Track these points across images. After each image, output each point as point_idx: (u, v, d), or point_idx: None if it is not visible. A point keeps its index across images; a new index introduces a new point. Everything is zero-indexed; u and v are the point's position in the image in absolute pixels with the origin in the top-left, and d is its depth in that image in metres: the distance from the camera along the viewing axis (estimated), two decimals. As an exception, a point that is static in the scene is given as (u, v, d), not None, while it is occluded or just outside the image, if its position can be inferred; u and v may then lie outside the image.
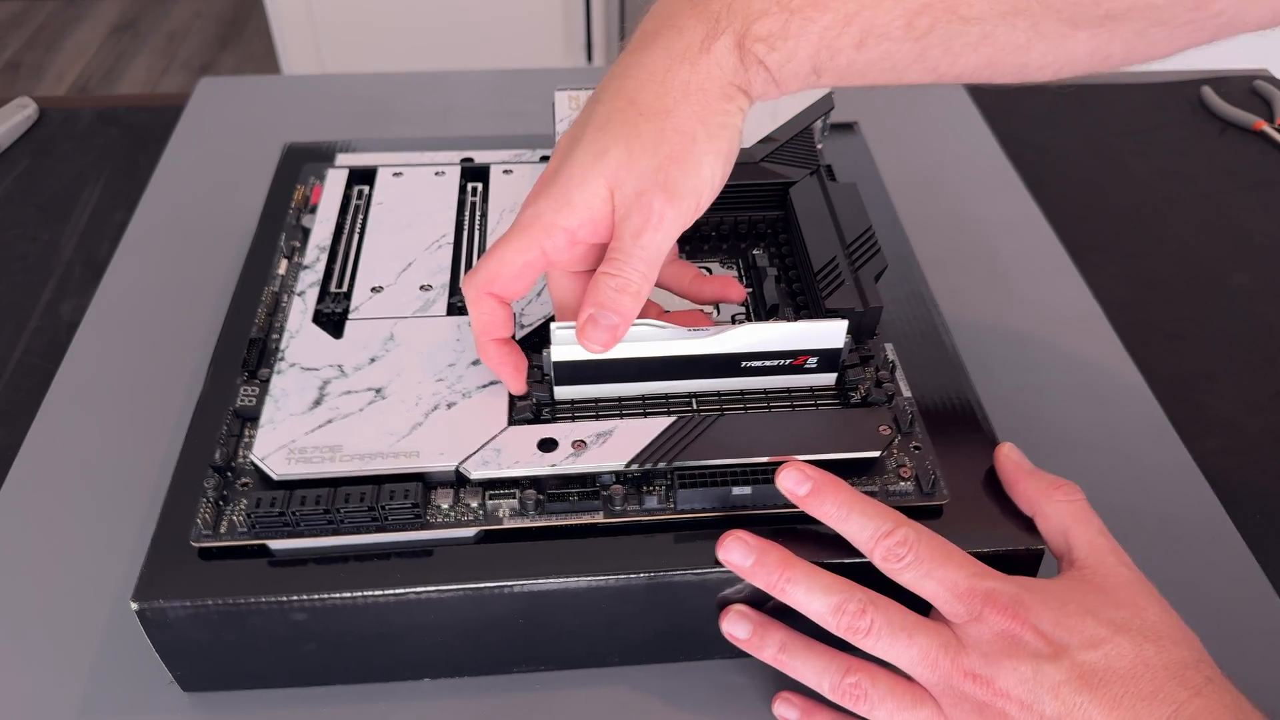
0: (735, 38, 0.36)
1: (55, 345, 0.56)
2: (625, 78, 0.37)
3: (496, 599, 0.37)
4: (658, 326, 0.38)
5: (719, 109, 0.36)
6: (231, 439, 0.40)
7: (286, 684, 0.40)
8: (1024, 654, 0.33)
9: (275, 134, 0.62)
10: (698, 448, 0.38)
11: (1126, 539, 0.45)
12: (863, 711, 0.36)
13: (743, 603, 0.38)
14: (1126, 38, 0.36)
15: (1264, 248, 0.64)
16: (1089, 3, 0.34)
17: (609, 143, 0.36)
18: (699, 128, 0.36)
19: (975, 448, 0.41)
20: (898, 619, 0.35)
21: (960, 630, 0.35)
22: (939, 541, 0.36)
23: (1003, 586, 0.35)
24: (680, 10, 0.37)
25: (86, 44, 2.30)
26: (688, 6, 0.37)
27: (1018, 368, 0.54)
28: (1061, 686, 0.33)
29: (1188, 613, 0.36)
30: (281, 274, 0.48)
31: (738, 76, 0.36)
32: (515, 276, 0.38)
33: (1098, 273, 0.61)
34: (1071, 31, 0.35)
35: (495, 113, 0.75)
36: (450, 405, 0.40)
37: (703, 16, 0.36)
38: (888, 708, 0.35)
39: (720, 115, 0.36)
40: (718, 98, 0.36)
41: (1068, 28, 0.35)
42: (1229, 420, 0.53)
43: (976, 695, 0.34)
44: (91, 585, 0.43)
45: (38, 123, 0.75)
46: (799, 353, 0.40)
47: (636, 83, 0.36)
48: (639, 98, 0.36)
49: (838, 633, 0.35)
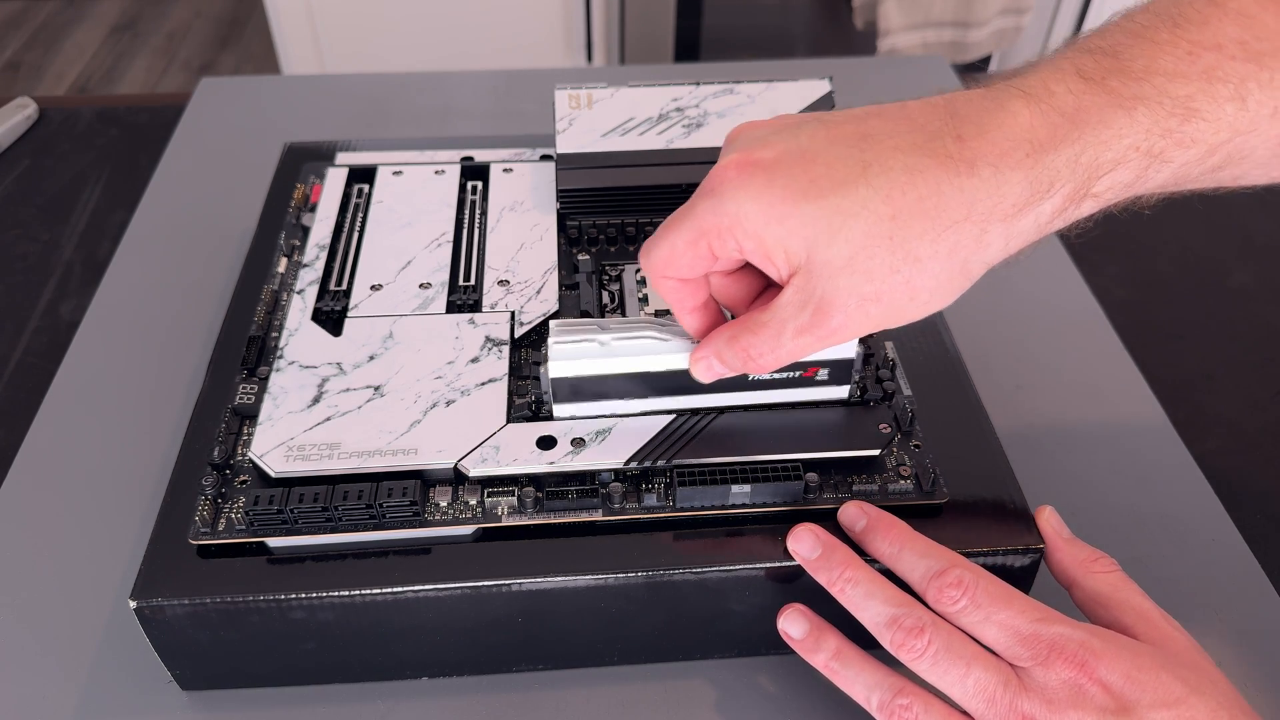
0: (1071, 191, 0.31)
1: (55, 345, 0.56)
2: (909, 180, 0.30)
3: (495, 597, 0.37)
4: (661, 340, 0.38)
5: (980, 263, 0.32)
6: (230, 437, 0.40)
7: (285, 682, 0.40)
8: (1090, 706, 0.31)
9: (275, 134, 0.62)
10: (697, 446, 0.38)
11: (1127, 539, 0.45)
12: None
13: (793, 610, 0.37)
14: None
15: (1264, 248, 0.64)
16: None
17: (840, 227, 0.30)
18: (942, 285, 0.31)
19: (975, 447, 0.41)
20: (958, 645, 0.33)
21: (1023, 673, 0.32)
22: (997, 584, 0.34)
23: (1071, 633, 0.32)
24: (1010, 151, 0.30)
25: (86, 44, 2.30)
26: (1024, 153, 0.30)
27: (1018, 368, 0.54)
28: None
29: (1188, 612, 0.36)
30: (281, 272, 0.48)
31: (1044, 216, 0.31)
32: (688, 266, 0.34)
33: (1098, 273, 0.61)
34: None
35: (495, 113, 0.75)
36: (449, 403, 0.40)
37: (1038, 174, 0.30)
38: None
39: (979, 268, 0.32)
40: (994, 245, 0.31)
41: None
42: (1229, 420, 0.53)
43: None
44: (90, 584, 0.43)
45: (38, 123, 0.75)
46: (809, 364, 0.39)
47: (915, 199, 0.30)
48: (907, 221, 0.30)
49: (890, 648, 0.34)
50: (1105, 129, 0.30)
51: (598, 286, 0.47)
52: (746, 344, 0.34)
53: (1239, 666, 0.41)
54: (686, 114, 0.51)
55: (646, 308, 0.46)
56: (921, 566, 0.34)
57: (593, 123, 0.51)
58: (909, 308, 0.32)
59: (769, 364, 0.35)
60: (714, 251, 0.33)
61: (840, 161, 0.31)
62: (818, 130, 0.32)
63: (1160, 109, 0.30)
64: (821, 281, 0.31)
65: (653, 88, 0.52)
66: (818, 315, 0.32)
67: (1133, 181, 0.31)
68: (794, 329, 0.33)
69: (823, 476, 0.38)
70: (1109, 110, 0.30)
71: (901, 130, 0.31)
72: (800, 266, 0.32)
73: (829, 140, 0.32)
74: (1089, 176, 0.31)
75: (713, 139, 0.50)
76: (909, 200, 0.30)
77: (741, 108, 0.51)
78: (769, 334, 0.34)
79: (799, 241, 0.31)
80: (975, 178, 0.30)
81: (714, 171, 0.33)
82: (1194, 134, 0.30)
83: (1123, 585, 0.36)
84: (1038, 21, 1.62)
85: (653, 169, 0.49)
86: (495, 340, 0.43)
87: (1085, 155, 0.30)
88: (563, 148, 0.50)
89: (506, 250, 0.48)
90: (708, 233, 0.33)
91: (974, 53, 1.52)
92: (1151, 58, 0.31)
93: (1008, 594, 0.34)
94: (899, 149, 0.31)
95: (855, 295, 0.31)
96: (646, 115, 0.51)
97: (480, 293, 0.46)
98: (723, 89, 0.52)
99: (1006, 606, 0.33)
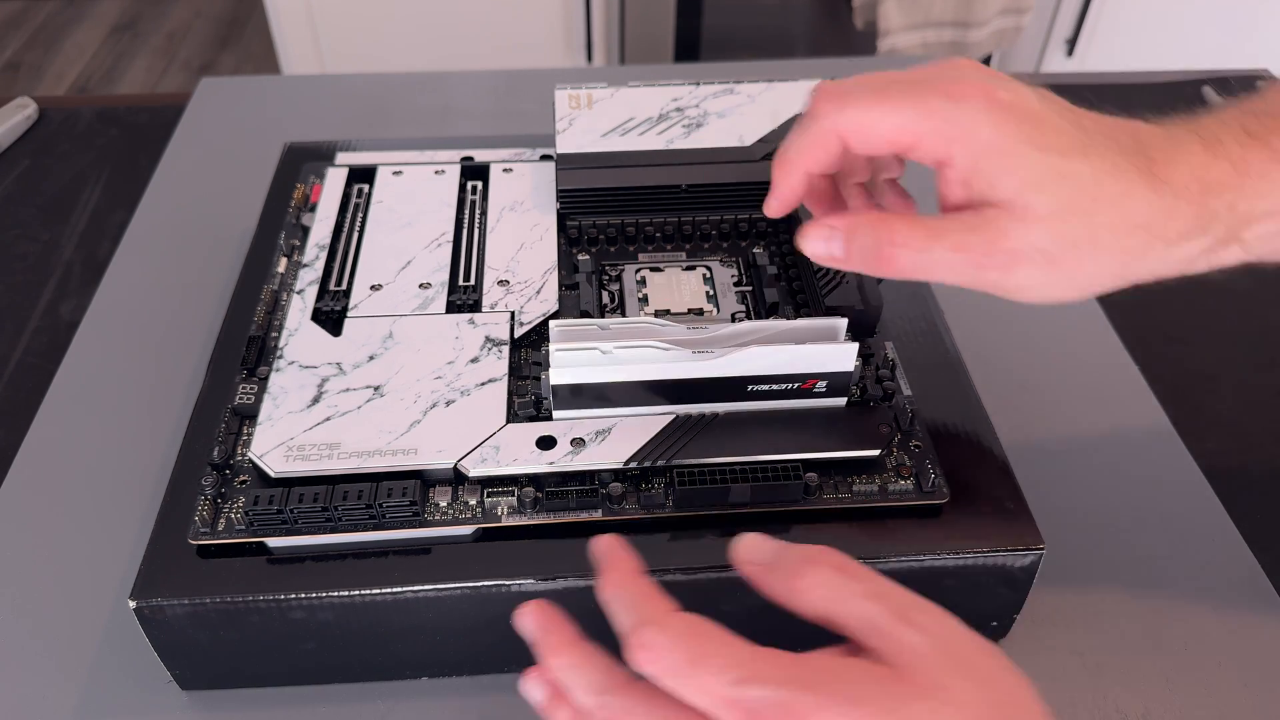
0: (1224, 233, 0.34)
1: (55, 345, 0.56)
2: (1114, 174, 0.32)
3: (495, 597, 0.37)
4: (661, 348, 0.38)
5: (1134, 274, 0.35)
6: (230, 437, 0.40)
7: (284, 682, 0.40)
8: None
9: (275, 134, 0.62)
10: (697, 446, 0.38)
11: (1127, 538, 0.45)
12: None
13: None
14: None
15: (1264, 247, 0.64)
16: None
17: (1053, 184, 0.32)
18: (1097, 277, 0.34)
19: (975, 447, 0.41)
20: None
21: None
22: (694, 639, 0.28)
23: (771, 694, 0.26)
24: (1188, 185, 0.33)
25: (86, 44, 2.30)
26: (1196, 190, 0.33)
27: (1018, 368, 0.54)
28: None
29: (1188, 613, 0.36)
30: (281, 272, 0.48)
31: (1194, 250, 0.34)
32: (868, 140, 0.35)
33: (1098, 272, 0.61)
34: None
35: (495, 112, 0.75)
36: (449, 403, 0.40)
37: (1202, 211, 0.33)
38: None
39: (1130, 279, 0.35)
40: None
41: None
42: (1229, 420, 0.53)
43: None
44: (90, 583, 0.43)
45: (38, 123, 0.75)
46: (808, 376, 0.39)
47: (1115, 192, 0.33)
48: (1103, 208, 0.33)
49: None
50: (1264, 181, 0.33)
51: (598, 286, 0.47)
52: (895, 231, 0.34)
53: (1239, 667, 0.41)
54: (686, 114, 0.51)
55: (646, 308, 0.46)
56: (621, 621, 0.29)
57: (593, 123, 0.51)
58: (1058, 284, 0.34)
59: (905, 264, 0.34)
60: (907, 144, 0.34)
61: (1066, 133, 0.33)
62: (1047, 99, 0.34)
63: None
64: (1012, 221, 0.33)
65: (653, 88, 0.52)
66: (988, 245, 0.33)
67: (1278, 233, 0.34)
68: (954, 243, 0.33)
69: (823, 477, 0.38)
70: (1270, 165, 0.33)
71: (1106, 131, 0.34)
72: (1000, 201, 0.33)
73: (1056, 111, 0.33)
74: (1242, 223, 0.33)
75: (713, 139, 0.50)
76: (1109, 191, 0.32)
77: (741, 108, 0.51)
78: (926, 233, 0.33)
79: (1012, 180, 0.32)
80: (1161, 196, 0.33)
81: (949, 80, 0.34)
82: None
83: (835, 596, 0.29)
84: (1038, 21, 1.62)
85: (653, 169, 0.49)
86: (495, 340, 0.43)
87: (1242, 203, 0.33)
88: (563, 148, 0.50)
89: (506, 250, 0.48)
90: (925, 124, 0.33)
91: (974, 53, 1.52)
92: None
93: (701, 652, 0.27)
94: (1109, 146, 0.33)
95: (1033, 247, 0.33)
96: (646, 115, 0.51)
97: (480, 293, 0.46)
98: (723, 89, 0.52)
99: (700, 670, 0.27)
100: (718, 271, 0.48)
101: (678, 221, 0.50)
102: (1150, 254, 0.33)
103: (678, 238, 0.50)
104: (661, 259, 0.49)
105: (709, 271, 0.48)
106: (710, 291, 0.47)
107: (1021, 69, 1.73)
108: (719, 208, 0.50)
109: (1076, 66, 1.67)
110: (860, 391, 0.41)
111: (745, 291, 0.47)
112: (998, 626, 0.41)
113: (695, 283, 0.47)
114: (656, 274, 0.48)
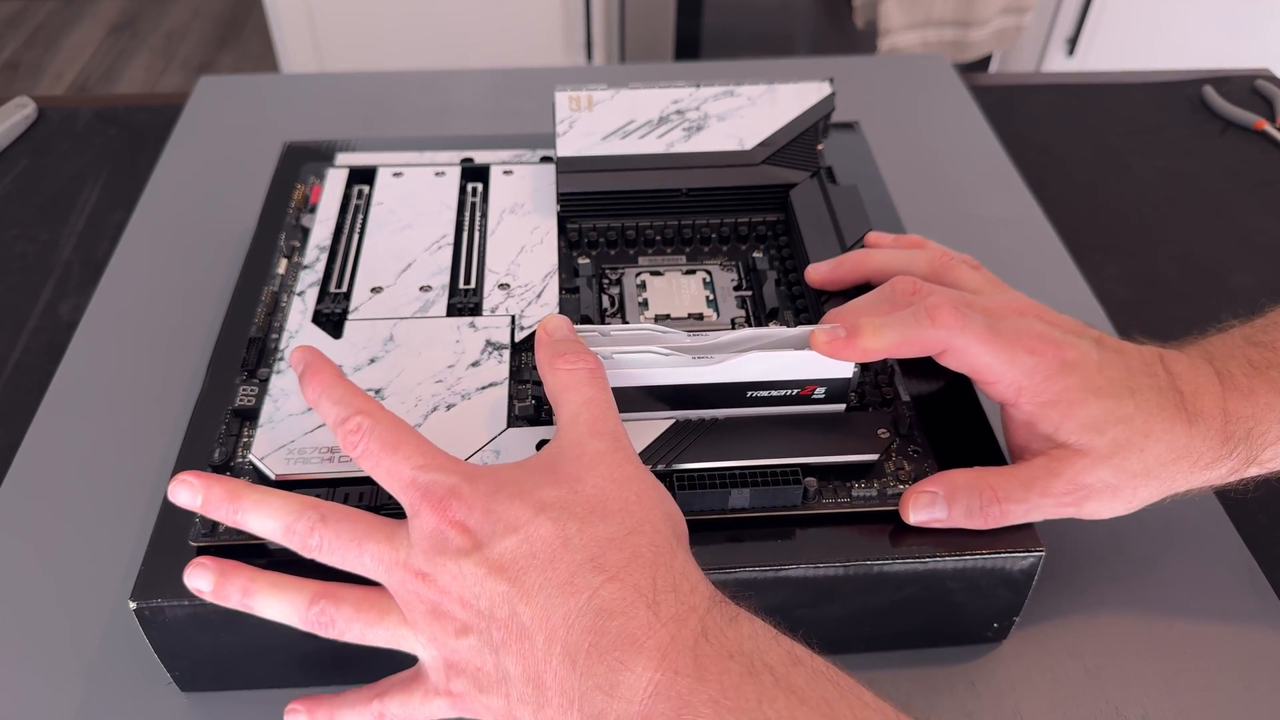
0: (1245, 456, 0.38)
1: (55, 345, 0.56)
2: (1158, 413, 0.37)
3: (495, 600, 0.37)
4: (661, 354, 0.38)
5: (1169, 494, 0.39)
6: (230, 438, 0.40)
7: (285, 684, 0.40)
8: (449, 550, 0.31)
9: (275, 133, 0.62)
10: (696, 451, 0.38)
11: (1127, 539, 0.45)
12: (335, 636, 0.34)
13: None
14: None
15: (1264, 248, 0.64)
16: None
17: (1111, 426, 0.37)
18: (1144, 500, 0.38)
19: (974, 451, 0.41)
20: (348, 528, 0.33)
21: (410, 526, 0.32)
22: (394, 429, 0.33)
23: (440, 479, 0.32)
24: (1215, 415, 0.37)
25: (85, 43, 2.30)
26: (1221, 420, 0.37)
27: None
28: (485, 580, 0.30)
29: (1187, 615, 0.36)
30: (281, 274, 0.48)
31: (1221, 471, 0.38)
32: (954, 362, 0.38)
33: (1098, 273, 0.61)
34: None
35: (495, 112, 0.75)
36: (449, 407, 0.40)
37: (1226, 437, 0.37)
38: (356, 629, 0.33)
39: (1167, 497, 0.39)
40: None
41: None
42: (1229, 422, 0.53)
43: (425, 594, 0.32)
44: (90, 585, 0.43)
45: (37, 122, 0.75)
46: (806, 382, 0.39)
47: (1159, 429, 0.37)
48: (1153, 442, 0.37)
49: (300, 553, 0.33)
50: (1270, 411, 0.38)
51: (598, 290, 0.47)
52: (996, 488, 0.38)
53: (1239, 667, 0.41)
54: (687, 116, 0.51)
55: (646, 312, 0.46)
56: (334, 414, 0.34)
57: (593, 125, 0.51)
58: (1119, 507, 0.38)
59: (1014, 517, 0.38)
60: (986, 380, 0.38)
61: (1116, 379, 0.38)
62: (1103, 345, 0.39)
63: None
64: (1081, 460, 0.37)
65: (653, 89, 0.52)
66: (1068, 484, 0.37)
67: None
68: (1043, 489, 0.38)
69: (822, 481, 0.38)
70: (1273, 396, 0.38)
71: (1142, 370, 0.38)
72: (1066, 442, 0.38)
73: (1108, 358, 0.38)
74: (1259, 446, 0.38)
75: (713, 142, 0.50)
76: (1155, 428, 0.37)
77: (742, 110, 0.51)
78: (1021, 484, 0.38)
79: (1074, 425, 0.37)
80: (1195, 429, 0.37)
81: (1030, 335, 0.38)
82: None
83: (573, 384, 0.35)
84: (1038, 21, 1.62)
85: (653, 173, 0.49)
86: (496, 344, 0.43)
87: (1257, 429, 0.38)
88: (563, 150, 0.50)
89: (507, 253, 0.48)
90: (1008, 374, 0.38)
91: (975, 52, 1.52)
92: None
93: (398, 439, 0.33)
94: (1149, 384, 0.38)
95: (1102, 481, 0.37)
96: (647, 118, 0.51)
97: (481, 296, 0.46)
98: (723, 91, 0.52)
99: (393, 453, 0.33)
100: (718, 275, 0.48)
101: (678, 225, 0.50)
102: (1186, 478, 0.38)
103: (678, 241, 0.50)
104: (662, 263, 0.49)
105: (709, 275, 0.48)
106: (710, 296, 0.47)
107: (1022, 68, 1.74)
108: (719, 211, 0.50)
109: (1077, 66, 1.67)
110: (859, 397, 0.41)
111: (745, 296, 0.47)
112: (997, 629, 0.41)
113: (695, 287, 0.47)
114: (657, 278, 0.48)
